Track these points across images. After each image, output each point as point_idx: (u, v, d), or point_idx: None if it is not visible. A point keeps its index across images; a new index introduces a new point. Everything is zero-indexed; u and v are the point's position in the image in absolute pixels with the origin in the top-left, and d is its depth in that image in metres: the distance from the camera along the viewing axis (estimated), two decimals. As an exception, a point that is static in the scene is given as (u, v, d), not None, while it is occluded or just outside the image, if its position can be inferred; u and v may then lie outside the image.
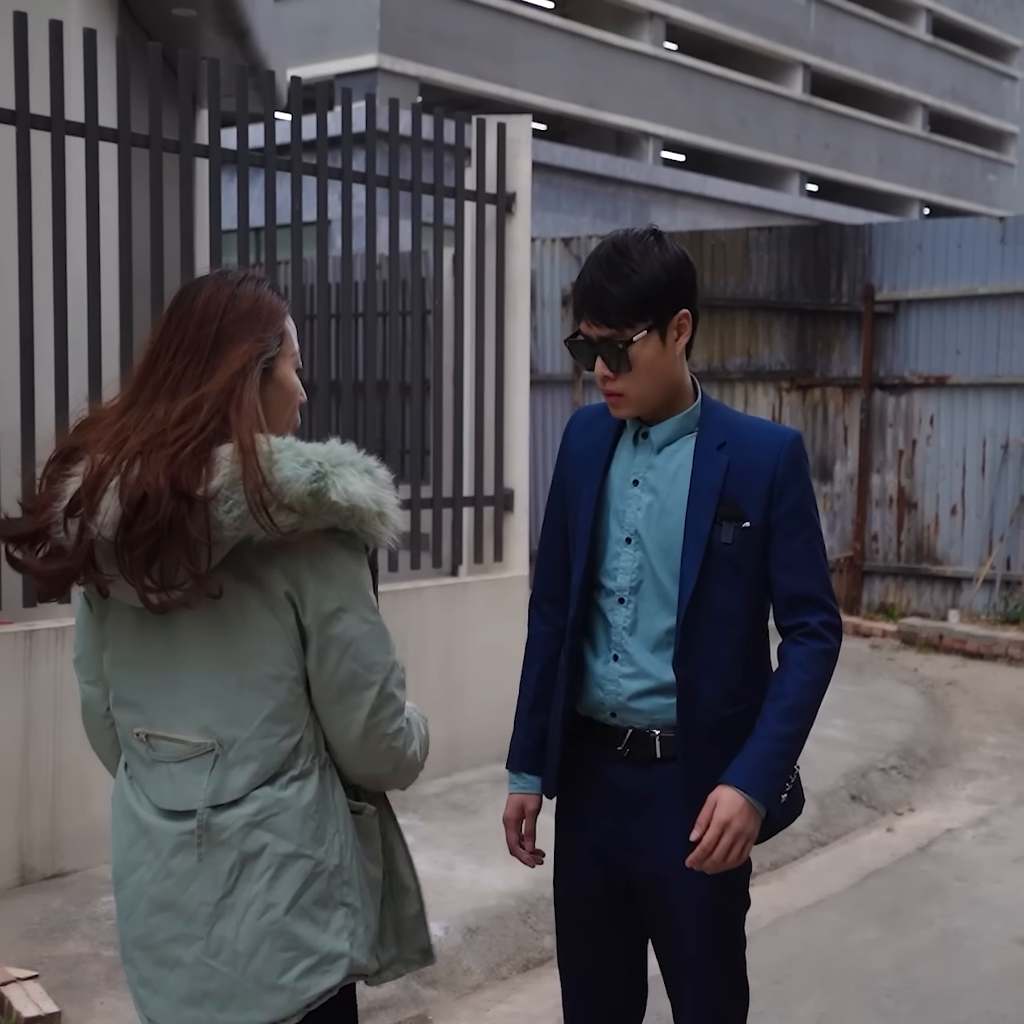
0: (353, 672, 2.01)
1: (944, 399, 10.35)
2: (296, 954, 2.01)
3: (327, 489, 1.92)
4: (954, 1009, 4.18)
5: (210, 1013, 2.03)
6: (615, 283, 2.36)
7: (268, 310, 2.09)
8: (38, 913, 4.43)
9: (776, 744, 2.40)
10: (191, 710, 2.04)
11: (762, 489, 2.44)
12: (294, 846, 2.02)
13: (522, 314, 6.55)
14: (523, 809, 2.68)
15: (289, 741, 2.03)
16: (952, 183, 37.05)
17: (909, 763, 6.77)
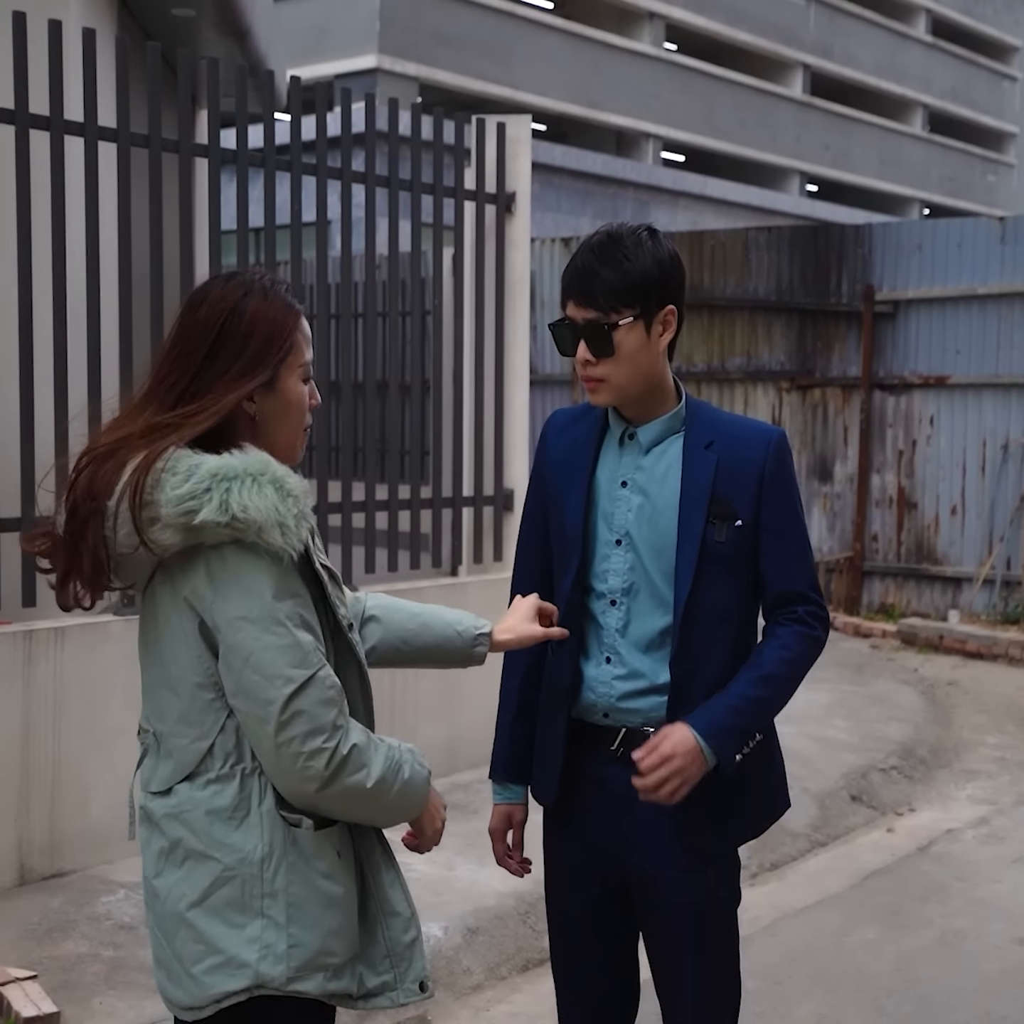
0: (254, 683, 1.97)
1: (944, 399, 10.34)
2: (205, 949, 2.04)
3: (199, 509, 1.93)
4: (954, 1009, 4.18)
5: (163, 979, 2.12)
6: (606, 267, 2.36)
7: (273, 327, 2.08)
8: (37, 913, 4.43)
9: (742, 703, 2.40)
10: (144, 697, 2.14)
11: (752, 487, 2.45)
12: (203, 846, 2.04)
13: (522, 314, 6.54)
14: (510, 820, 2.69)
15: (200, 744, 2.05)
16: (952, 183, 37.05)
17: (909, 763, 6.76)
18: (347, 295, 6.20)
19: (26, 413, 4.81)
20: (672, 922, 2.52)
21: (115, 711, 4.89)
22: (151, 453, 1.96)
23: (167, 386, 2.06)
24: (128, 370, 5.09)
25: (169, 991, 2.10)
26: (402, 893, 2.20)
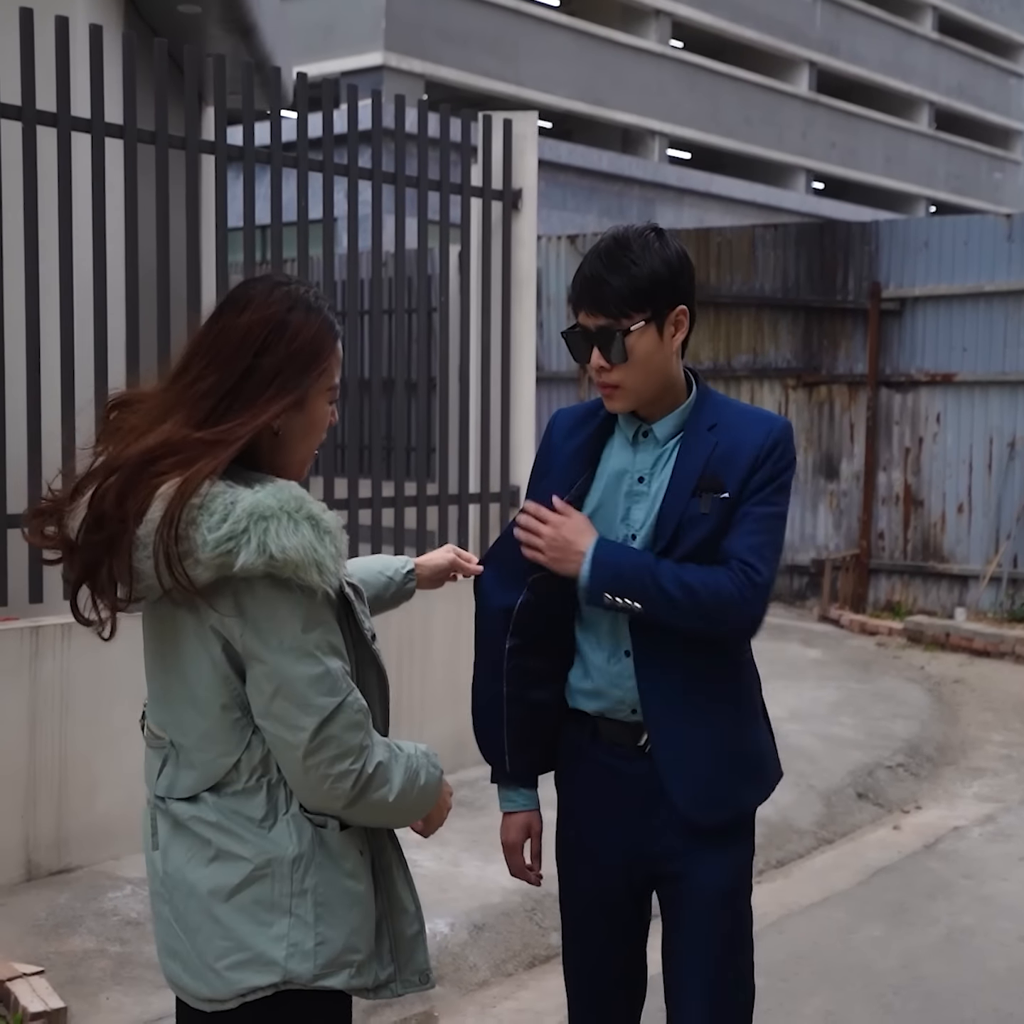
0: (285, 710, 1.97)
1: (951, 397, 10.33)
2: (231, 945, 2.05)
3: (238, 551, 1.91)
4: (961, 1007, 4.18)
5: (178, 970, 2.12)
6: (614, 274, 2.36)
7: (312, 349, 2.06)
8: (44, 909, 4.43)
9: (650, 570, 2.36)
10: (156, 706, 2.13)
11: (744, 465, 2.42)
12: (233, 847, 2.05)
13: (528, 311, 6.54)
14: (528, 830, 2.66)
15: (226, 760, 2.06)
16: (958, 181, 36.99)
17: (916, 761, 6.76)
18: (353, 292, 6.20)
19: (33, 409, 4.81)
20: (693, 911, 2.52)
21: (122, 707, 4.89)
22: (185, 487, 1.92)
23: (200, 392, 2.02)
24: (134, 366, 5.09)
25: (185, 981, 2.11)
26: (409, 890, 2.23)
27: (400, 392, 6.31)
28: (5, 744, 4.64)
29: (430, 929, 2.64)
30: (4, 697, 4.63)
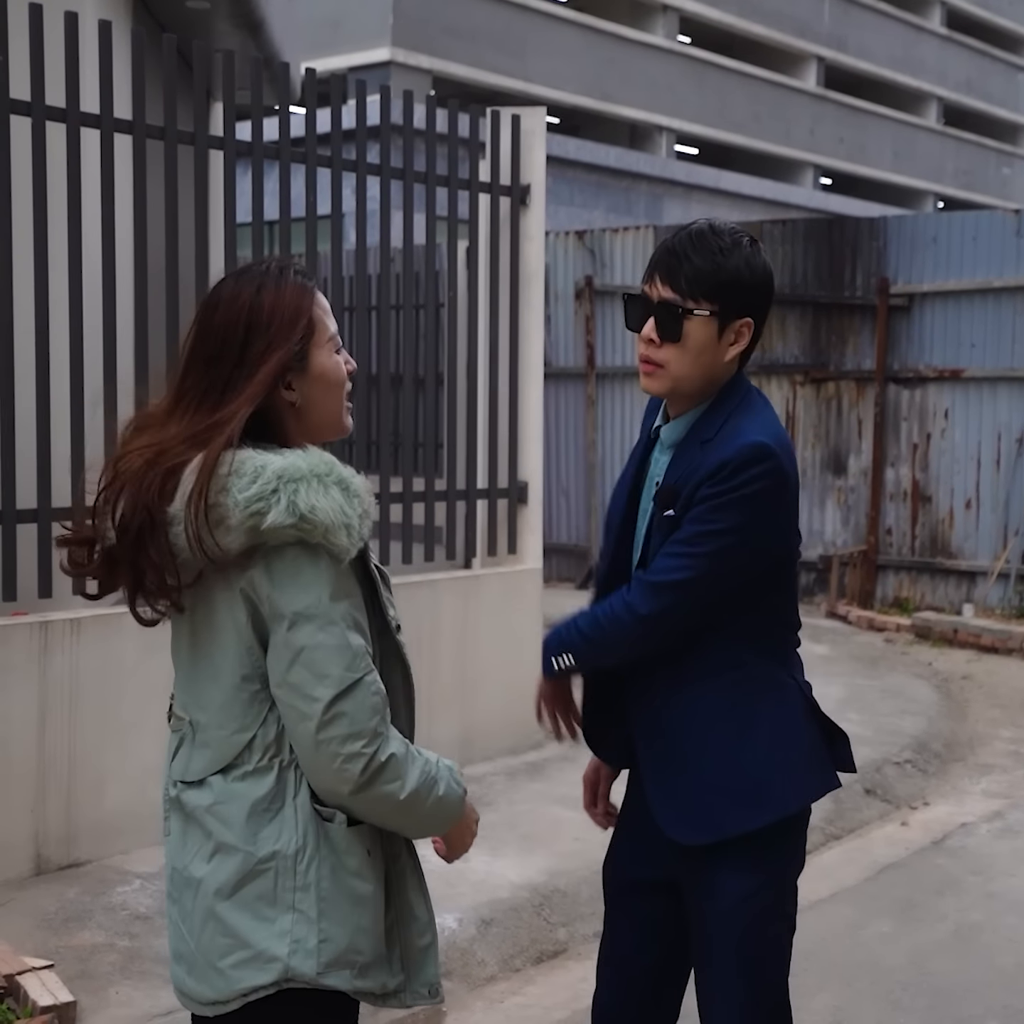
0: (302, 679, 1.97)
1: (959, 392, 10.32)
2: (233, 942, 2.03)
3: (266, 511, 1.93)
4: (970, 1003, 4.17)
5: (183, 973, 2.11)
6: (699, 255, 2.33)
7: (289, 310, 2.07)
8: (54, 903, 4.44)
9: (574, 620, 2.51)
10: (180, 686, 2.14)
11: (694, 482, 2.36)
12: (235, 838, 2.03)
13: (536, 306, 6.54)
14: (599, 772, 2.72)
15: (241, 736, 2.05)
16: (967, 176, 36.91)
17: (924, 757, 6.75)
18: (361, 288, 6.20)
19: (42, 405, 4.82)
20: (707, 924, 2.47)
21: (130, 702, 4.90)
22: (209, 455, 1.95)
23: (196, 395, 2.05)
24: (144, 361, 5.10)
25: (189, 986, 2.10)
26: (423, 899, 2.20)
27: (408, 388, 6.31)
28: (14, 739, 4.65)
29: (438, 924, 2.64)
30: (13, 692, 4.64)
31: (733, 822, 2.41)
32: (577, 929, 4.59)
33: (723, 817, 2.41)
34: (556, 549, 11.85)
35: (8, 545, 4.71)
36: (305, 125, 5.66)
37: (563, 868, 4.68)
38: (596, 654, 2.49)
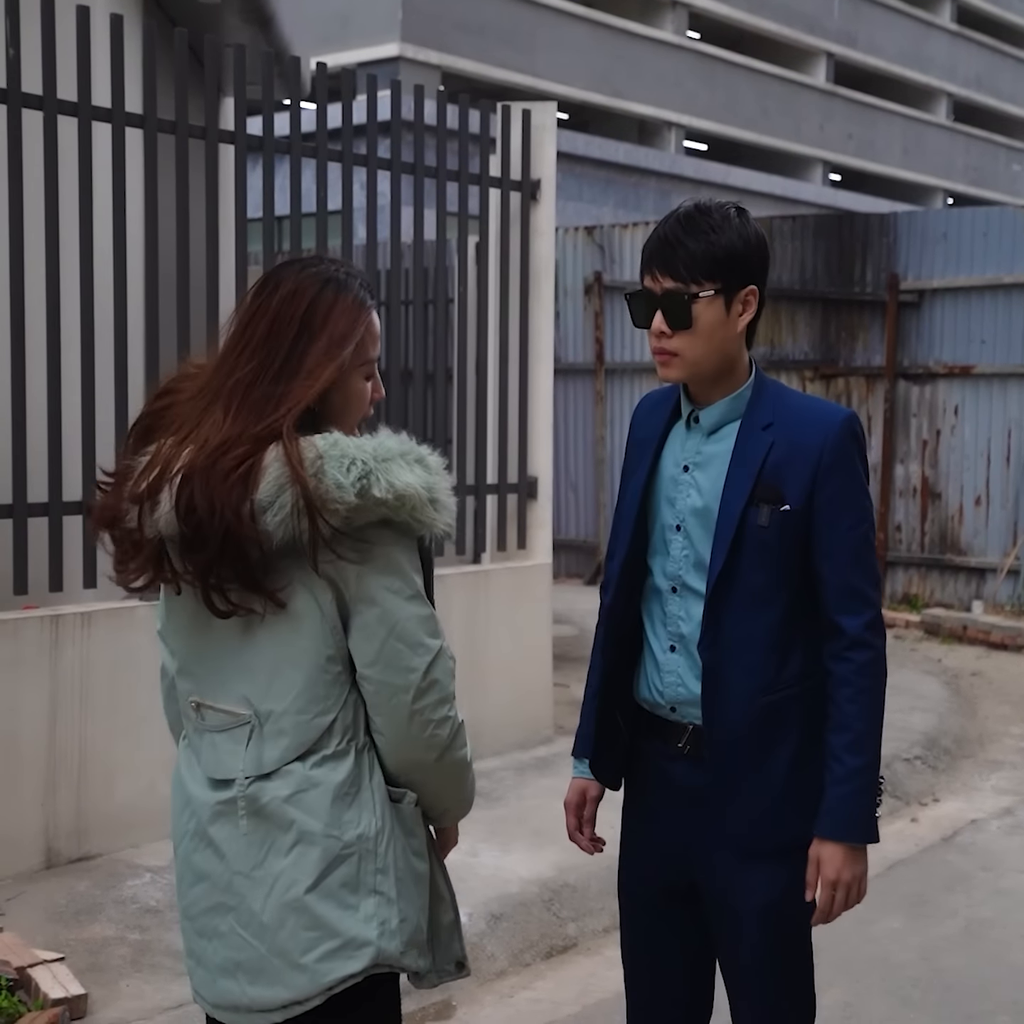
0: (398, 652, 2.02)
1: (969, 389, 10.30)
2: (319, 934, 2.01)
3: (370, 487, 1.96)
4: (980, 999, 4.17)
5: (242, 985, 2.06)
6: (691, 238, 2.32)
7: (345, 324, 2.08)
8: (64, 896, 4.45)
9: (856, 781, 2.34)
10: (235, 681, 2.09)
11: (806, 472, 2.33)
12: (321, 825, 2.02)
13: (546, 301, 6.53)
14: (584, 795, 2.63)
15: (322, 719, 2.04)
16: (976, 173, 36.84)
17: (933, 753, 6.75)
18: (372, 284, 6.19)
19: (53, 399, 4.82)
20: (735, 929, 2.45)
21: (141, 696, 4.90)
22: (290, 446, 1.96)
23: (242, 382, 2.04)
24: (154, 355, 5.10)
25: (252, 995, 2.04)
26: (444, 877, 2.23)
27: (418, 383, 6.31)
28: (25, 733, 4.66)
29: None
30: (24, 686, 4.65)
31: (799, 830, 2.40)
32: (587, 924, 4.59)
33: (793, 826, 2.40)
34: (565, 545, 11.84)
35: (19, 539, 4.72)
36: (316, 120, 5.66)
37: (573, 863, 4.68)
38: (878, 740, 2.43)
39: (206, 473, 1.98)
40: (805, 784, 2.39)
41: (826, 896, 2.34)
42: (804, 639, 2.41)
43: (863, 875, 2.37)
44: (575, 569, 12.00)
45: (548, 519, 6.61)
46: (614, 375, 11.75)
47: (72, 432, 4.90)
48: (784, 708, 2.39)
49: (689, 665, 2.43)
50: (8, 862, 4.60)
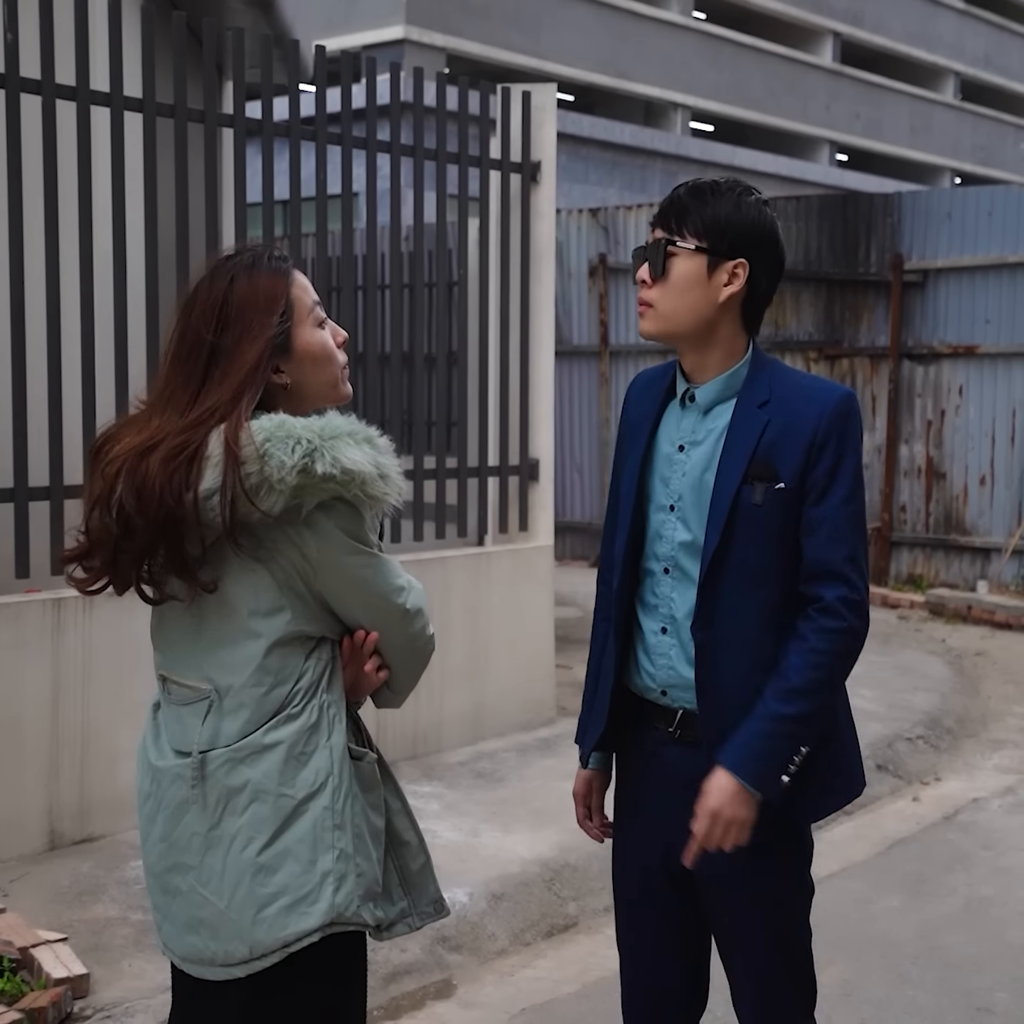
0: (375, 606, 2.17)
1: (973, 369, 10.28)
2: (275, 891, 2.07)
3: (313, 464, 2.02)
4: (979, 977, 4.19)
5: (204, 940, 2.12)
6: (689, 195, 2.37)
7: (264, 296, 2.13)
8: (67, 877, 4.48)
9: (773, 725, 2.29)
10: (197, 657, 2.16)
11: (800, 450, 2.32)
12: (274, 784, 2.08)
13: (547, 283, 6.53)
14: (591, 784, 2.63)
15: (280, 690, 2.11)
16: (984, 152, 36.69)
17: (936, 733, 6.76)
18: (372, 266, 6.20)
19: (54, 382, 4.83)
20: (733, 914, 2.45)
21: (143, 678, 4.91)
22: (229, 430, 2.03)
23: (175, 390, 2.12)
24: (154, 339, 5.11)
25: (212, 950, 2.11)
26: (408, 821, 2.29)
27: (419, 366, 6.32)
28: (28, 715, 4.69)
29: (449, 899, 2.66)
30: (27, 669, 4.68)
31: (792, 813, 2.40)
32: (587, 903, 4.61)
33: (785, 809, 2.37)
34: (569, 527, 11.85)
35: (21, 523, 4.74)
36: (315, 103, 5.65)
37: (574, 843, 4.69)
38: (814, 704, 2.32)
39: (132, 468, 2.05)
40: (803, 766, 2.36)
41: (702, 824, 2.31)
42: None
43: (746, 820, 2.30)
44: (579, 551, 12.01)
45: (550, 501, 6.61)
46: (619, 357, 11.74)
47: (72, 415, 4.91)
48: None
49: (680, 648, 2.41)
50: (11, 843, 4.63)
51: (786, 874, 2.46)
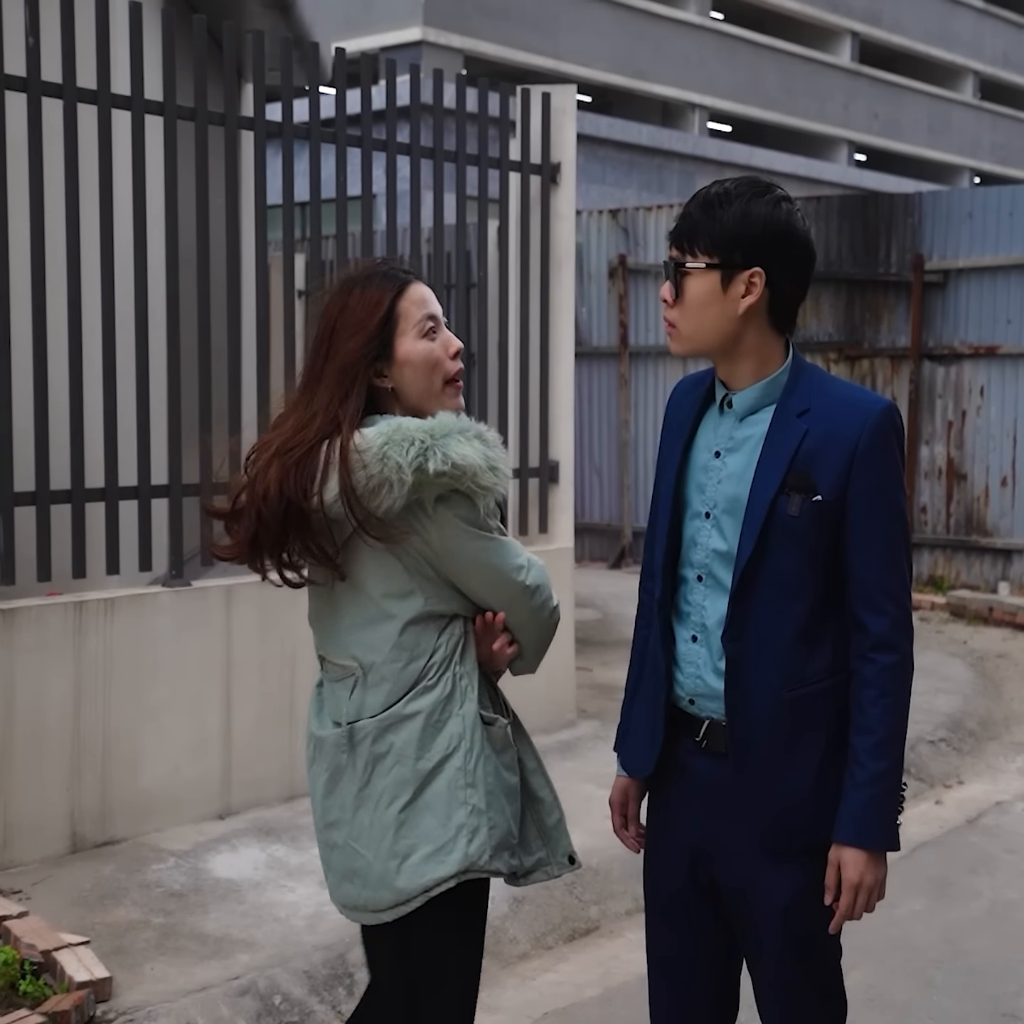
0: (497, 585, 2.40)
1: (994, 369, 10.23)
2: (415, 842, 2.34)
3: (426, 462, 2.26)
4: (1004, 981, 4.16)
5: (357, 889, 2.42)
6: (699, 210, 2.32)
7: (369, 304, 2.39)
8: (89, 880, 4.49)
9: (877, 787, 2.31)
10: (343, 638, 2.44)
11: (841, 462, 2.28)
12: (414, 749, 2.35)
13: (567, 285, 6.52)
14: (627, 793, 2.62)
15: (416, 664, 2.37)
16: (1003, 151, 36.54)
17: (958, 735, 6.72)
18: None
19: (75, 386, 4.84)
20: (758, 926, 2.41)
21: (164, 681, 4.93)
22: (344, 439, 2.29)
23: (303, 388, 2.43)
24: (175, 341, 5.12)
25: (365, 897, 2.39)
26: (543, 779, 2.55)
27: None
28: (50, 718, 4.69)
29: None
30: (49, 671, 4.68)
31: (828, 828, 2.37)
32: (609, 907, 4.60)
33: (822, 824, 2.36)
34: (589, 529, 11.83)
35: (43, 526, 4.75)
36: (335, 105, 5.65)
37: (595, 846, 4.68)
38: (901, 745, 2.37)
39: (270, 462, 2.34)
40: (833, 784, 2.34)
41: (847, 900, 2.32)
42: (835, 632, 2.36)
43: (882, 879, 2.34)
44: (599, 553, 11.99)
45: (570, 503, 6.60)
46: (638, 358, 11.72)
47: (94, 419, 4.92)
48: (812, 704, 2.34)
49: (709, 657, 2.39)
50: (34, 846, 4.64)
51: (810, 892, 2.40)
